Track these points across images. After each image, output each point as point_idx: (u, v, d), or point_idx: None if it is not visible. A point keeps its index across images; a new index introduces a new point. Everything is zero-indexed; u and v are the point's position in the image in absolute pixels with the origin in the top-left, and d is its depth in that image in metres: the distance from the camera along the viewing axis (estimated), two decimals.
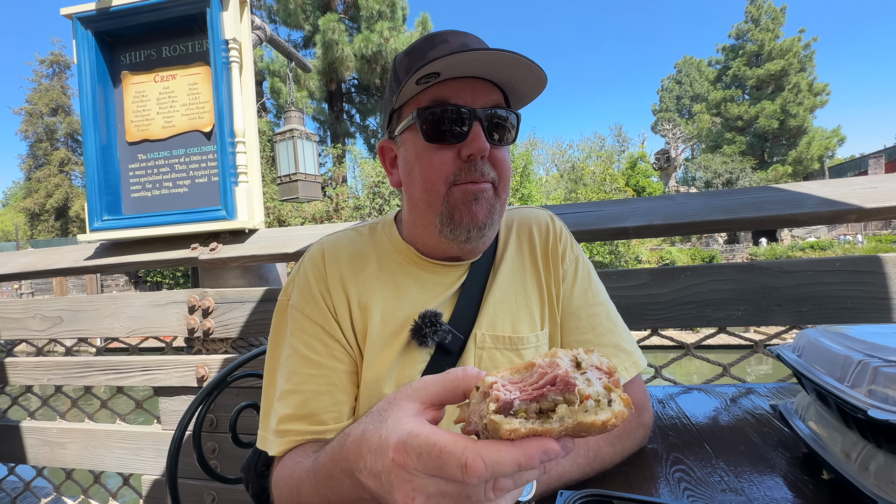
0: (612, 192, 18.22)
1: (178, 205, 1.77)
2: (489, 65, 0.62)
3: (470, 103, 0.64)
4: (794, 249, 17.29)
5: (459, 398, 0.37)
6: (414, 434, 0.35)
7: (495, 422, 0.32)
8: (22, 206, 30.80)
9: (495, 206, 0.68)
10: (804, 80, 29.95)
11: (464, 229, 0.66)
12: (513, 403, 0.32)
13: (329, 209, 14.66)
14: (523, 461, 0.31)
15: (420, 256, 0.74)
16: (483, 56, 0.60)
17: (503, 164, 0.68)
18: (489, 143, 0.65)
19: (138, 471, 1.74)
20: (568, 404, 0.32)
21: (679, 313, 1.27)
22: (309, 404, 0.66)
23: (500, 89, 0.68)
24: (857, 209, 1.19)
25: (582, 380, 0.33)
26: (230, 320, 1.61)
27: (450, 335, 0.69)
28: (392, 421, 0.38)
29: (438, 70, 0.61)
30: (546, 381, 0.33)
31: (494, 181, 0.67)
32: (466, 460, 0.31)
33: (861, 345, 0.58)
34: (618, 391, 0.33)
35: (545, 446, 0.31)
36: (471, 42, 0.68)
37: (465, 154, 0.64)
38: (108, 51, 1.81)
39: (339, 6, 16.66)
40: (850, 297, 1.17)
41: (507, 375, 0.35)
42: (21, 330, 1.86)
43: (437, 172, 0.66)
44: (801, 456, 0.69)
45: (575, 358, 0.34)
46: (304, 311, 0.70)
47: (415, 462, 0.34)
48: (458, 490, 0.33)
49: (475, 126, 0.64)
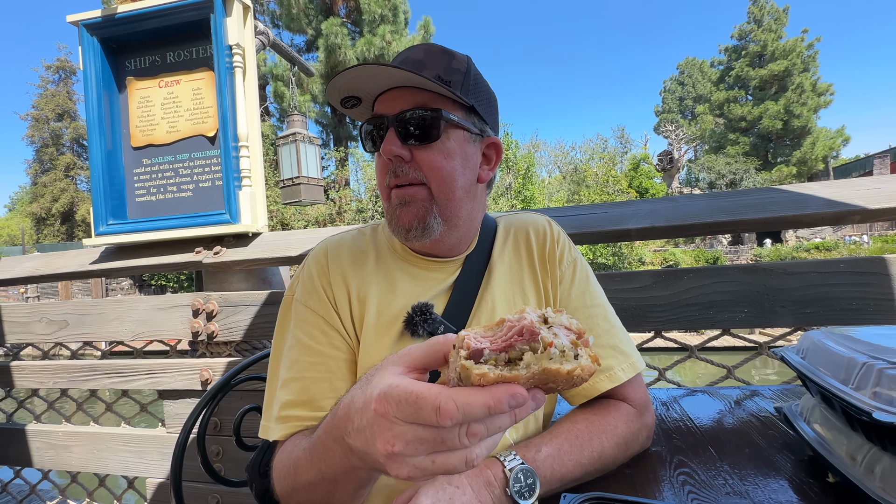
0: (614, 193, 18.20)
1: (182, 209, 1.78)
2: (393, 77, 0.67)
3: (386, 111, 0.69)
4: (798, 250, 17.16)
5: (441, 362, 0.39)
6: (394, 385, 0.37)
7: (466, 367, 0.34)
8: (28, 211, 31.05)
9: (430, 207, 0.70)
10: (808, 80, 29.81)
11: (399, 230, 0.72)
12: (483, 352, 0.35)
13: (332, 212, 14.71)
14: (492, 404, 0.33)
15: (412, 253, 0.77)
16: (371, 70, 0.65)
17: (430, 164, 0.69)
18: (408, 144, 0.68)
19: (143, 474, 1.74)
20: (534, 353, 0.34)
21: (682, 315, 1.26)
22: (309, 390, 0.68)
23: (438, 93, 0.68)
24: (861, 210, 1.18)
25: (547, 331, 0.35)
26: (234, 323, 1.61)
27: (441, 326, 0.71)
28: (376, 380, 0.40)
29: (348, 94, 0.69)
30: (514, 332, 0.35)
31: (423, 182, 0.69)
32: (440, 403, 0.33)
33: (866, 346, 0.58)
34: (586, 349, 0.35)
35: (513, 390, 0.33)
36: (413, 54, 0.71)
37: (385, 158, 0.69)
38: (113, 57, 1.83)
39: (341, 10, 16.76)
40: (855, 298, 1.17)
41: (479, 331, 0.37)
42: (27, 334, 1.88)
43: (378, 177, 0.73)
44: (806, 459, 0.69)
45: (543, 315, 0.37)
46: (306, 304, 0.74)
47: (394, 410, 0.36)
48: (434, 435, 0.35)
49: (389, 131, 0.68)
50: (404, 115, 0.67)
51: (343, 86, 0.68)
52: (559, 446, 0.64)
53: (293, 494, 0.58)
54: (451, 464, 0.36)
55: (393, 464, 0.37)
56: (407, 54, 0.72)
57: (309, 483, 0.54)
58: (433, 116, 0.68)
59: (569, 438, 0.65)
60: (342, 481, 0.50)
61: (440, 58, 0.71)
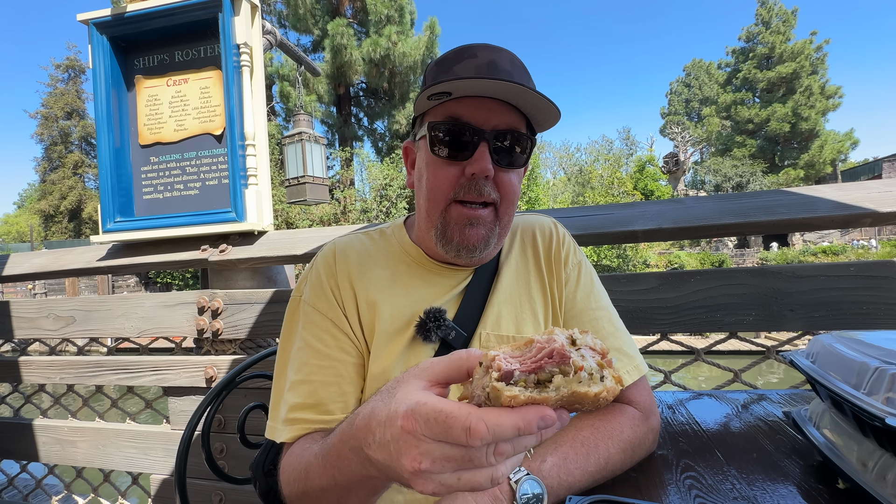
0: (619, 195, 18.12)
1: (188, 207, 1.79)
2: (500, 90, 0.64)
3: (480, 124, 0.66)
4: (805, 254, 16.99)
5: (463, 377, 0.39)
6: (422, 403, 0.37)
7: (497, 388, 0.34)
8: (37, 208, 31.40)
9: (493, 230, 0.70)
10: (816, 82, 29.56)
11: (453, 248, 0.70)
12: (513, 374, 0.35)
13: (337, 212, 14.74)
14: (522, 425, 0.33)
15: (428, 258, 0.77)
16: (490, 84, 0.62)
17: (508, 187, 0.69)
18: (496, 164, 0.67)
19: (147, 470, 1.75)
20: (563, 375, 0.35)
21: (689, 318, 1.25)
22: (317, 394, 0.68)
23: (520, 112, 0.68)
24: (872, 213, 1.17)
25: (577, 354, 0.35)
26: (239, 321, 1.62)
27: (453, 332, 0.71)
28: (401, 395, 0.40)
29: (449, 90, 0.64)
30: (544, 354, 0.36)
31: (496, 202, 0.69)
32: (471, 424, 0.33)
33: (878, 351, 0.57)
34: (610, 370, 0.36)
35: (542, 412, 0.34)
36: (499, 60, 0.68)
37: (469, 172, 0.66)
38: (122, 55, 1.84)
39: (347, 11, 16.81)
40: (865, 302, 1.15)
41: (507, 351, 0.37)
42: (34, 329, 1.90)
43: (440, 186, 0.68)
44: (816, 464, 0.68)
45: (571, 336, 0.37)
46: (315, 306, 0.73)
47: (422, 428, 0.36)
48: (462, 454, 0.35)
49: (481, 146, 0.65)
50: (504, 135, 0.66)
51: (459, 84, 0.62)
52: (565, 455, 0.63)
53: (303, 499, 0.58)
54: (477, 481, 0.36)
55: (419, 480, 0.37)
56: (492, 56, 0.67)
57: (321, 489, 0.54)
58: (529, 142, 0.68)
59: (574, 446, 0.65)
60: (356, 489, 0.50)
61: (527, 76, 0.70)
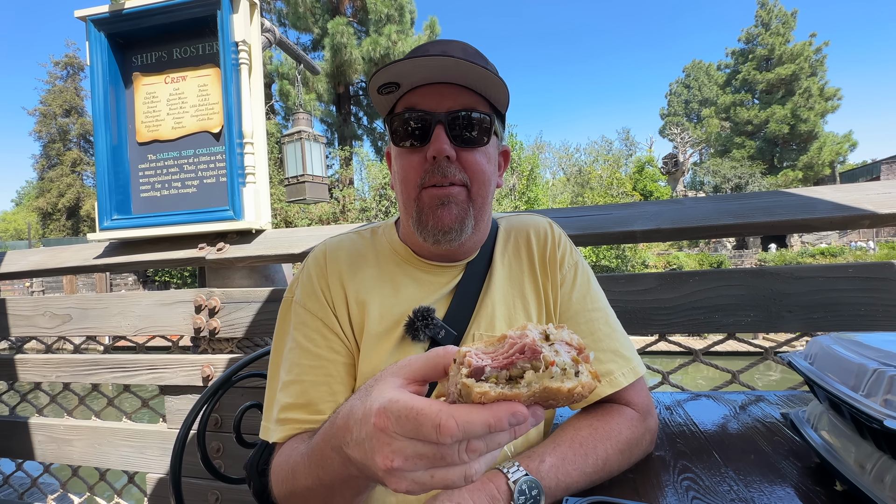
0: (619, 196, 18.13)
1: (186, 205, 1.79)
2: (445, 71, 0.64)
3: (433, 108, 0.67)
4: (804, 255, 17.02)
5: (441, 374, 0.39)
6: (394, 400, 0.37)
7: (467, 385, 0.34)
8: (34, 206, 31.29)
9: (467, 210, 0.70)
10: (815, 84, 29.58)
11: (430, 232, 0.69)
12: (484, 369, 0.35)
13: (336, 211, 14.73)
14: (493, 422, 0.33)
15: (416, 257, 0.77)
16: (431, 62, 0.62)
17: (475, 167, 0.69)
18: (456, 145, 0.67)
19: (143, 469, 1.74)
20: (535, 371, 0.34)
21: (687, 319, 1.25)
22: (308, 394, 0.68)
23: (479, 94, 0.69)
24: (870, 214, 1.17)
25: (549, 349, 0.35)
26: (236, 320, 1.61)
27: (442, 331, 0.71)
28: (376, 392, 0.40)
29: (394, 80, 0.65)
30: (515, 349, 0.35)
31: (465, 183, 0.69)
32: (440, 421, 0.33)
33: (876, 353, 0.57)
34: (586, 365, 0.35)
35: (513, 409, 0.33)
36: (449, 49, 0.69)
37: (430, 156, 0.67)
38: (120, 52, 1.83)
39: (347, 10, 16.79)
40: (864, 304, 1.15)
41: (480, 347, 0.37)
42: (31, 327, 1.89)
43: (408, 175, 0.69)
44: (813, 466, 0.68)
45: (545, 332, 0.37)
46: (306, 306, 0.73)
47: (394, 425, 0.36)
48: (434, 451, 0.35)
49: (437, 129, 0.66)
50: (457, 115, 0.67)
51: (398, 70, 0.64)
52: (563, 455, 0.63)
53: (291, 499, 0.58)
54: (450, 479, 0.36)
55: (392, 478, 0.37)
56: (443, 48, 0.69)
57: (307, 488, 0.54)
58: (487, 120, 0.68)
59: (572, 446, 0.64)
60: (340, 489, 0.50)
61: (481, 59, 0.70)
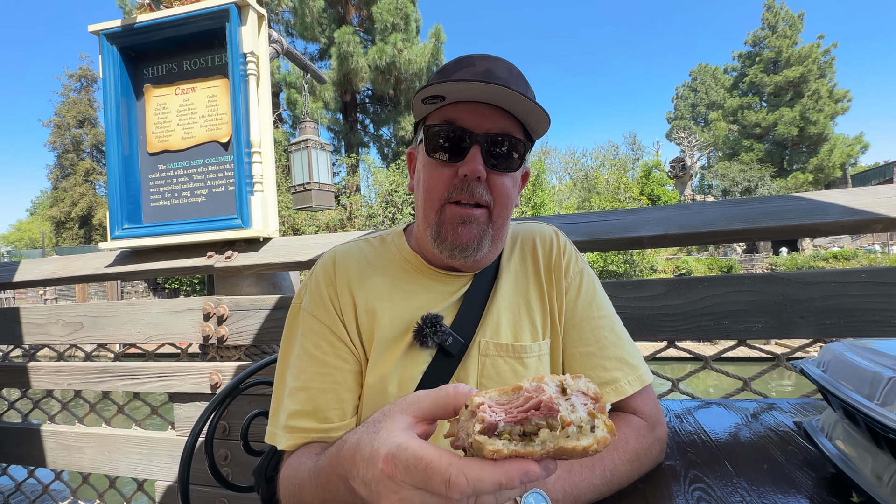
0: (626, 200, 18.02)
1: (195, 213, 1.81)
2: (491, 94, 0.66)
3: (473, 127, 0.68)
4: (816, 259, 16.75)
5: (450, 414, 0.39)
6: (403, 447, 0.36)
7: (479, 442, 0.33)
8: (48, 215, 31.92)
9: (486, 230, 0.70)
10: (824, 86, 29.30)
11: (447, 247, 0.70)
12: (497, 425, 0.34)
13: (343, 218, 14.81)
14: (504, 481, 0.32)
15: (426, 265, 0.77)
16: (482, 87, 0.64)
17: (501, 190, 0.70)
18: (489, 167, 0.68)
19: (152, 476, 1.75)
20: (551, 429, 0.33)
21: (696, 325, 1.23)
22: (315, 401, 0.69)
23: (517, 119, 0.69)
24: (883, 218, 1.15)
25: (566, 406, 0.34)
26: (244, 328, 1.62)
27: (450, 338, 0.71)
28: (384, 433, 0.39)
29: (442, 94, 0.66)
30: (531, 405, 0.34)
31: (489, 205, 0.70)
32: (450, 476, 0.33)
33: (891, 360, 0.56)
34: (602, 417, 0.34)
35: (526, 468, 0.33)
36: (495, 68, 0.69)
37: (461, 174, 0.67)
38: (131, 65, 1.87)
39: (354, 19, 17.01)
40: (878, 309, 1.13)
41: (494, 396, 0.36)
42: (43, 335, 1.92)
43: (435, 186, 0.70)
44: (829, 476, 0.66)
45: (561, 383, 0.36)
46: (314, 314, 0.74)
47: (402, 474, 0.35)
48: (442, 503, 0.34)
49: (474, 148, 0.67)
50: (496, 139, 0.68)
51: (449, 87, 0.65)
52: (570, 467, 0.62)
53: None
54: None
55: None
56: (489, 65, 0.69)
57: None
58: (523, 147, 0.70)
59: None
60: None
61: (524, 84, 0.71)
